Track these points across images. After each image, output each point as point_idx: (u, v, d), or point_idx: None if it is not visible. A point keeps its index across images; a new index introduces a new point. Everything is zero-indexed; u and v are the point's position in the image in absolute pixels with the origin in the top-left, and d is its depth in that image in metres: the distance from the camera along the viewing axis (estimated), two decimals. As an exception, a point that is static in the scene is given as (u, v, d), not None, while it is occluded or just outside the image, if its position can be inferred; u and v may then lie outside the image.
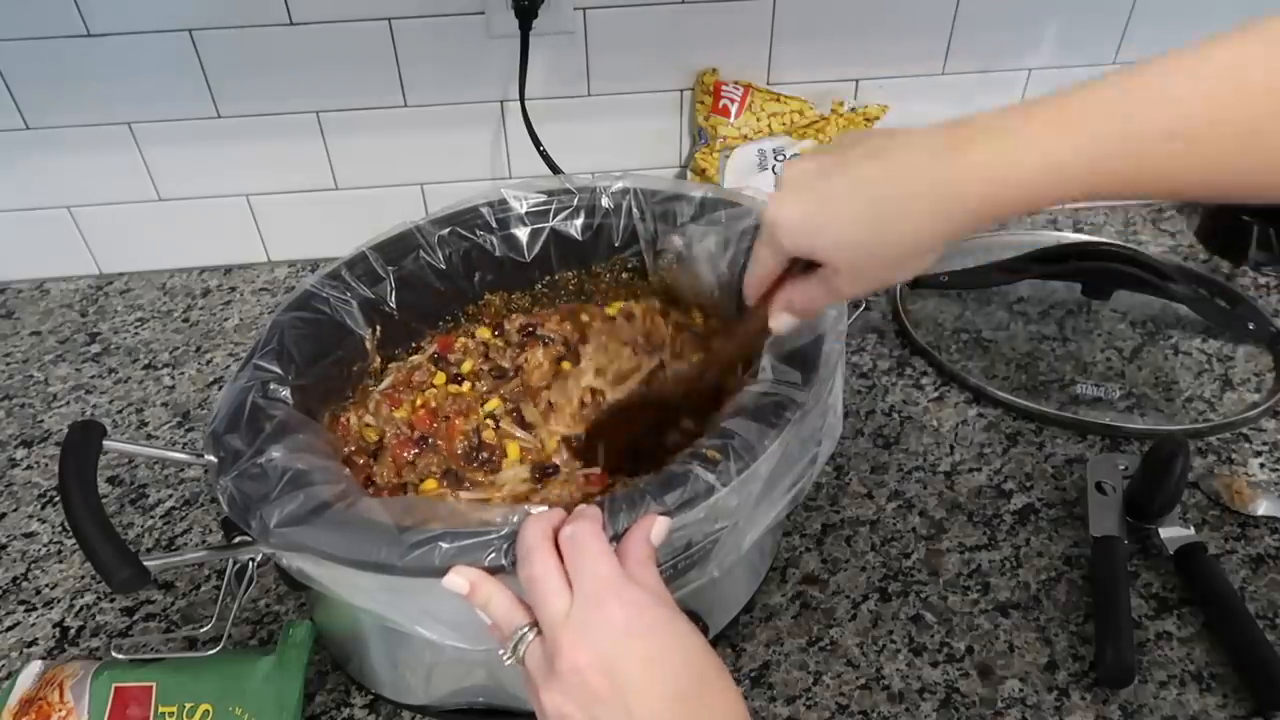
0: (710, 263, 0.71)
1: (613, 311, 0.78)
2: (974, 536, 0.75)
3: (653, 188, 0.75)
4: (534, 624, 0.45)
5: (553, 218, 0.76)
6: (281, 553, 0.51)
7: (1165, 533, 0.72)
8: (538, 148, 0.99)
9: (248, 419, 0.58)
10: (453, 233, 0.74)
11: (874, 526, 0.76)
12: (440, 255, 0.73)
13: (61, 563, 0.77)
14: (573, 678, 0.42)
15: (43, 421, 0.91)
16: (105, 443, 0.54)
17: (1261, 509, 0.75)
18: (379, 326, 0.72)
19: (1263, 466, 0.80)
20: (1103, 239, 1.07)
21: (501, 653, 0.46)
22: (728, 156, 1.01)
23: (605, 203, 0.76)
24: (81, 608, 0.73)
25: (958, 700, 0.64)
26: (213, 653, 0.56)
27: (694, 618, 0.62)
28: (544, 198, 0.76)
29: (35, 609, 0.74)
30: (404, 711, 0.65)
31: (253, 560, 0.56)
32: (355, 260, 0.71)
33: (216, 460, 0.56)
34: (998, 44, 1.01)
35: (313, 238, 1.09)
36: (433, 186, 1.07)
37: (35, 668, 0.64)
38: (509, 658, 0.46)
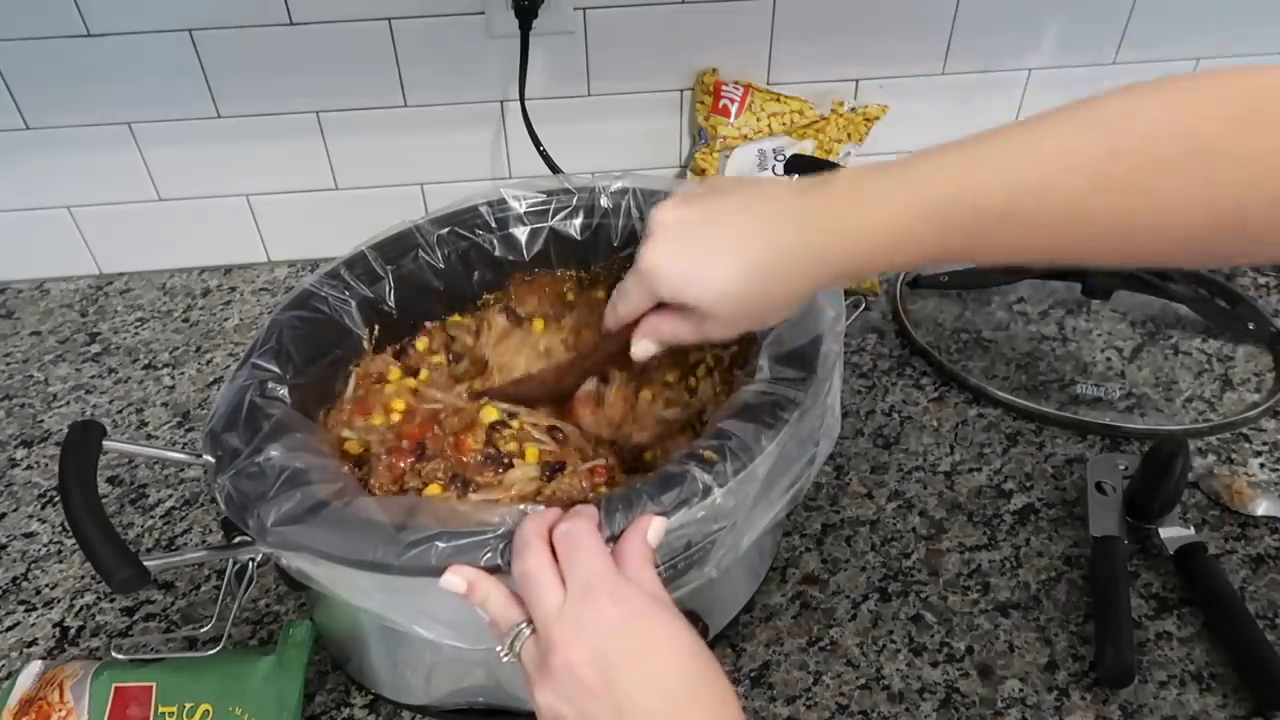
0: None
1: (601, 295, 0.77)
2: (974, 536, 0.75)
3: (652, 188, 0.75)
4: (530, 620, 0.45)
5: (552, 217, 0.76)
6: (279, 552, 0.52)
7: (1165, 533, 0.72)
8: (538, 148, 0.99)
9: (246, 418, 0.58)
10: (452, 232, 0.74)
11: (874, 526, 0.76)
12: (439, 255, 0.73)
13: (61, 563, 0.77)
14: (565, 673, 0.42)
15: (43, 421, 0.92)
16: (105, 443, 0.55)
17: (1261, 509, 0.75)
18: (378, 326, 0.72)
19: (1263, 466, 0.80)
20: (1103, 239, 1.07)
21: (499, 649, 0.46)
22: (728, 156, 1.01)
23: (604, 203, 0.76)
24: (81, 608, 0.73)
25: (958, 700, 0.64)
26: (213, 653, 0.56)
27: (693, 618, 0.62)
28: (543, 197, 0.76)
29: (35, 609, 0.74)
30: (404, 711, 0.65)
31: (252, 560, 0.56)
32: (354, 260, 0.71)
33: (214, 459, 0.56)
34: (998, 44, 1.01)
35: (313, 238, 1.09)
36: (433, 186, 1.07)
37: (35, 668, 0.64)
38: (506, 655, 0.46)
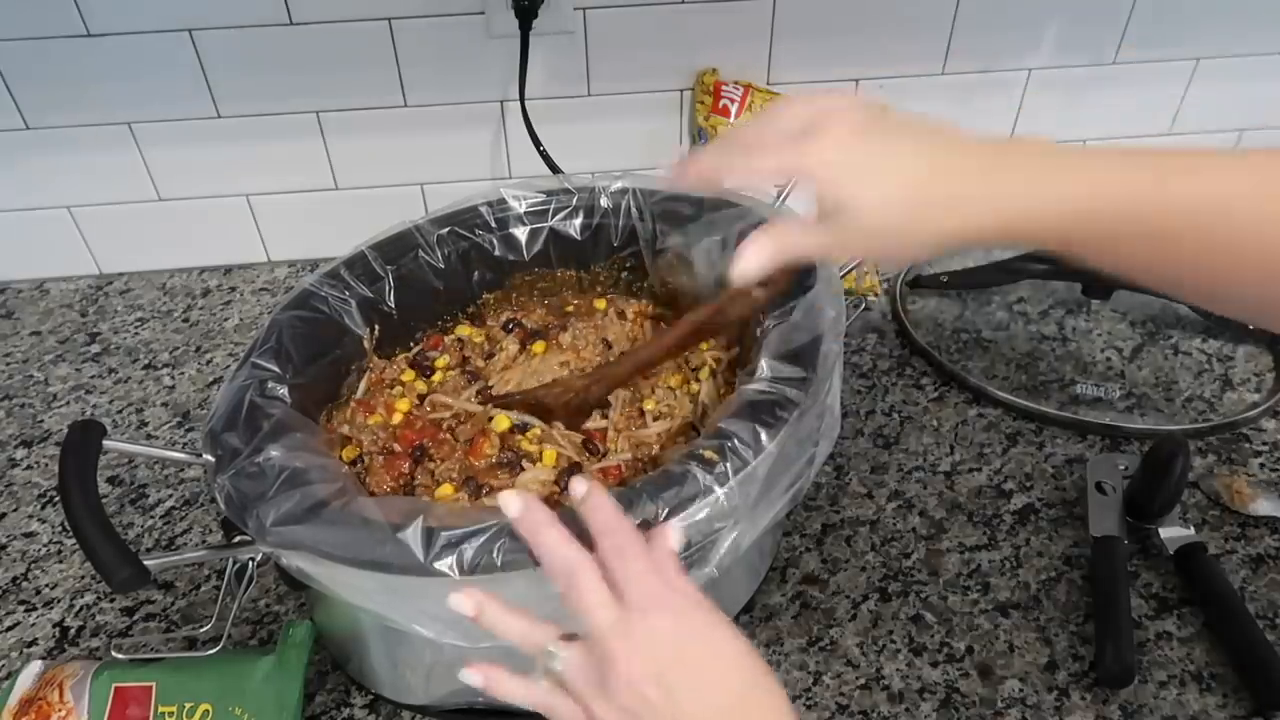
0: (709, 263, 0.71)
1: (601, 305, 0.78)
2: (974, 536, 0.75)
3: (652, 188, 0.75)
4: (563, 638, 0.45)
5: (551, 217, 0.76)
6: (279, 551, 0.52)
7: (1165, 533, 0.72)
8: (538, 148, 0.99)
9: (245, 418, 0.58)
10: (451, 232, 0.74)
11: (874, 526, 0.76)
12: (439, 255, 0.73)
13: (61, 563, 0.77)
14: (628, 690, 0.42)
15: (43, 421, 0.92)
16: (105, 443, 0.55)
17: (1261, 509, 0.75)
18: (377, 326, 0.72)
19: (1263, 466, 0.80)
20: (1103, 239, 1.07)
21: (533, 675, 0.46)
22: (728, 156, 1.00)
23: (604, 203, 0.76)
24: (81, 608, 0.73)
25: (958, 700, 0.64)
26: (213, 653, 0.56)
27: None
28: (543, 197, 0.76)
29: (35, 609, 0.74)
30: (404, 711, 0.65)
31: (252, 560, 0.57)
32: (354, 259, 0.71)
33: (214, 459, 0.56)
34: (998, 44, 1.01)
35: (313, 238, 1.09)
36: (433, 186, 1.07)
37: (35, 668, 0.64)
38: (540, 676, 0.45)
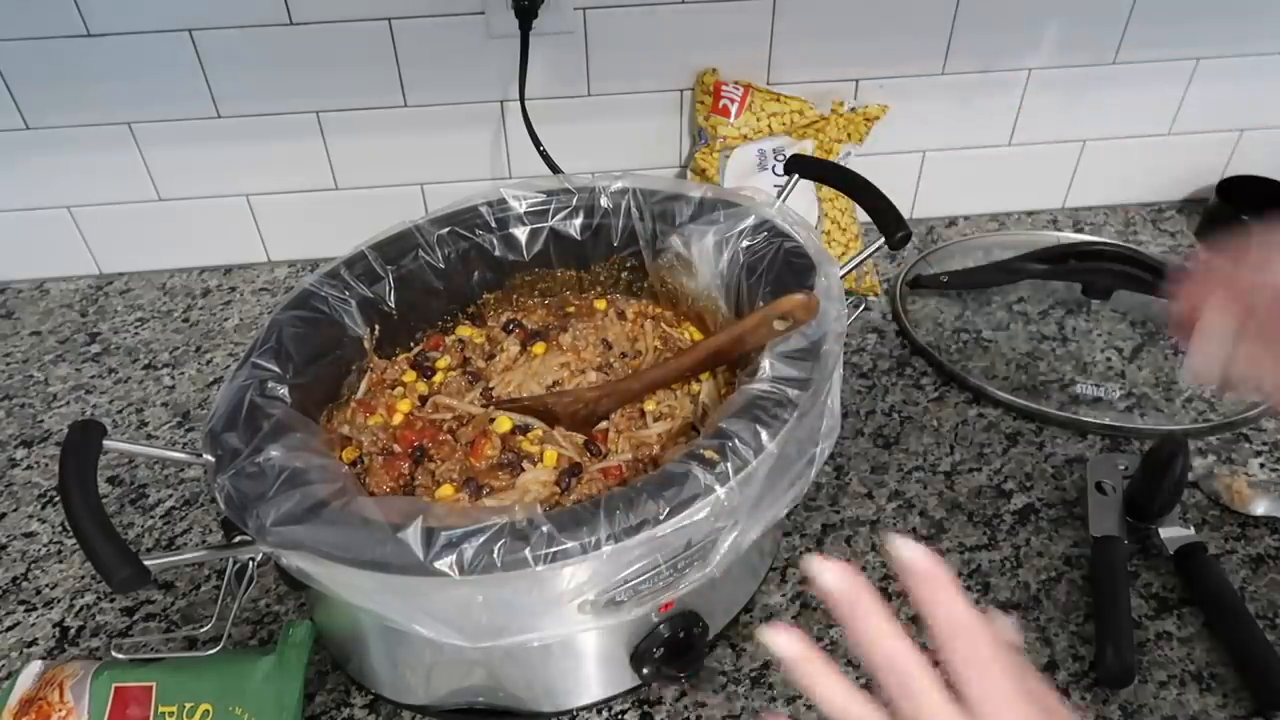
0: (709, 262, 0.71)
1: (601, 305, 0.78)
2: (974, 536, 0.75)
3: (652, 188, 0.75)
4: None
5: (552, 217, 0.76)
6: (279, 551, 0.51)
7: (1165, 533, 0.72)
8: (538, 148, 0.99)
9: (245, 418, 0.58)
10: (452, 232, 0.74)
11: (874, 526, 0.76)
12: (439, 255, 0.73)
13: (61, 563, 0.77)
14: None
15: (43, 421, 0.92)
16: (105, 443, 0.54)
17: (1261, 509, 0.75)
18: (377, 326, 0.72)
19: (1263, 466, 0.80)
20: (1103, 239, 1.08)
21: None
22: (728, 156, 1.01)
23: (604, 202, 0.76)
24: (81, 608, 0.73)
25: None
26: (213, 653, 0.56)
27: (694, 618, 0.62)
28: (543, 197, 0.76)
29: (35, 609, 0.74)
30: (404, 711, 0.65)
31: (252, 560, 0.57)
32: (354, 259, 0.71)
33: (214, 459, 0.56)
34: (998, 44, 1.01)
35: (313, 238, 1.09)
36: (433, 186, 1.07)
37: (35, 668, 0.64)
38: None
